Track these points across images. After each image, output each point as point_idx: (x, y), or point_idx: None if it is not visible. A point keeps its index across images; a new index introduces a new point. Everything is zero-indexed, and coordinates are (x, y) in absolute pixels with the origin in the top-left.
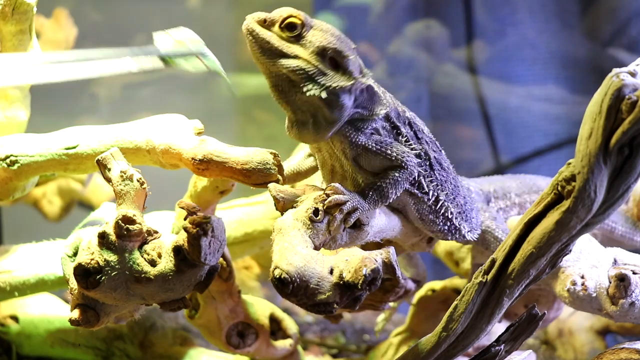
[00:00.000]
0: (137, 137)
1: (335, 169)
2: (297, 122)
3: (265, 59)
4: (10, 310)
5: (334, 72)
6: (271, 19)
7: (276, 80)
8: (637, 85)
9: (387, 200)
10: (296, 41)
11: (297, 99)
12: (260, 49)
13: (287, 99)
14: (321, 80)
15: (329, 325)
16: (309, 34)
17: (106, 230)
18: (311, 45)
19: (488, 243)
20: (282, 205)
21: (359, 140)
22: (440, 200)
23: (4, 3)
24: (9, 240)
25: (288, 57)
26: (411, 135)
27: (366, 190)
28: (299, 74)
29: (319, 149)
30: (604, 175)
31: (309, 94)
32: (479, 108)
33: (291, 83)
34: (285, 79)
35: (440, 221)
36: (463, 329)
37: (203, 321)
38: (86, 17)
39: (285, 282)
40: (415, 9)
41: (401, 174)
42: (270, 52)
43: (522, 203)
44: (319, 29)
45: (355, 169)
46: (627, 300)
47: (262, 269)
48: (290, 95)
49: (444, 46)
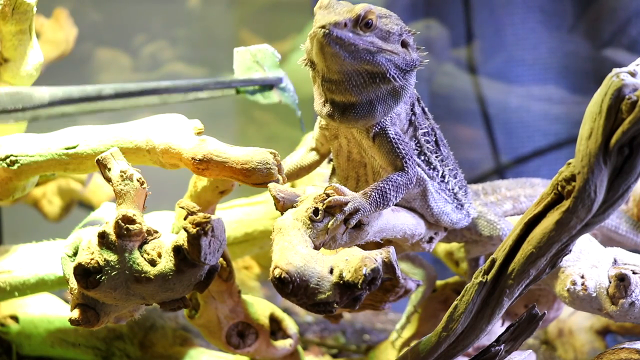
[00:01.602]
0: (137, 137)
1: (352, 156)
2: (350, 107)
3: (350, 61)
4: (10, 310)
5: (406, 51)
6: (348, 20)
7: (350, 77)
8: (637, 85)
9: (389, 204)
10: (373, 34)
11: (371, 89)
12: (346, 52)
13: (358, 90)
14: (402, 65)
15: (329, 325)
16: (380, 24)
17: (106, 230)
18: (389, 35)
19: (482, 228)
20: (282, 205)
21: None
22: (446, 176)
23: (4, 3)
24: (9, 240)
25: (373, 53)
26: (420, 112)
27: (369, 192)
28: (385, 66)
29: (335, 136)
30: (604, 175)
31: (395, 82)
32: (479, 108)
33: (371, 76)
34: (365, 73)
35: (447, 195)
36: (463, 329)
37: (203, 321)
38: (86, 17)
39: (285, 281)
40: (415, 9)
41: (402, 177)
42: (357, 54)
43: (515, 196)
44: (385, 17)
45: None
46: (627, 300)
47: (262, 269)
48: (364, 87)
49: (444, 46)
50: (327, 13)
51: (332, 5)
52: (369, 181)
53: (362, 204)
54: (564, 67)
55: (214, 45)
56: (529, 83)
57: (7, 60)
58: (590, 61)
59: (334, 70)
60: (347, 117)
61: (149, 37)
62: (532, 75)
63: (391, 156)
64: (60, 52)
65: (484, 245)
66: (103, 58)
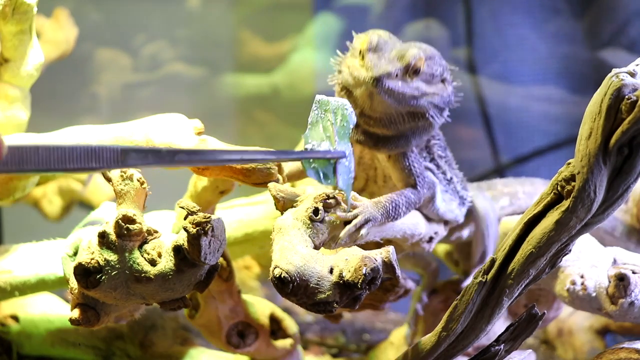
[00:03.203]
0: (137, 137)
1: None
2: (384, 139)
3: (395, 106)
4: (10, 310)
5: (444, 87)
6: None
7: (391, 117)
8: (637, 85)
9: (398, 218)
10: (419, 78)
11: (409, 126)
12: (394, 99)
13: (396, 127)
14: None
15: (329, 325)
16: (427, 68)
17: (106, 230)
18: (432, 78)
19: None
20: (282, 205)
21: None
22: (452, 177)
23: (4, 3)
24: (9, 240)
25: (418, 98)
26: None
27: (382, 202)
28: (426, 108)
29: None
30: (604, 175)
31: (432, 120)
32: (479, 108)
33: (412, 115)
34: (407, 114)
35: (452, 194)
36: (463, 329)
37: (203, 321)
38: (86, 17)
39: (285, 281)
40: (415, 9)
41: (415, 195)
42: (403, 100)
43: (512, 193)
44: (430, 58)
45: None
46: (626, 299)
47: (262, 268)
48: (403, 124)
49: (444, 46)
50: (378, 58)
51: (382, 48)
52: (377, 182)
53: (374, 214)
54: (564, 67)
55: (214, 45)
56: (529, 83)
57: (8, 60)
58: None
59: (377, 111)
60: (378, 147)
61: (149, 37)
62: (532, 75)
63: (405, 174)
64: (61, 52)
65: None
66: (103, 58)
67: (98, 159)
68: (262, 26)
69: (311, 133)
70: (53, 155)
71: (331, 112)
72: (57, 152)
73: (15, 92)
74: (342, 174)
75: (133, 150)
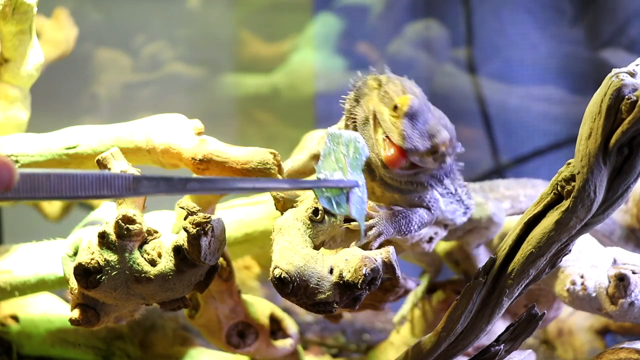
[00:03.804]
0: (137, 137)
1: None
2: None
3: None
4: (10, 310)
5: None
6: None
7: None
8: (637, 85)
9: (408, 234)
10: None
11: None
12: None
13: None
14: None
15: (329, 325)
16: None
17: (106, 230)
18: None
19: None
20: (282, 205)
21: None
22: (457, 189)
23: (4, 3)
24: (9, 240)
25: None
26: None
27: (397, 214)
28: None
29: None
30: (604, 175)
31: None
32: (478, 108)
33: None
34: (406, 182)
35: (457, 205)
36: (463, 329)
37: (203, 321)
38: (86, 17)
39: (285, 281)
40: (415, 9)
41: (429, 215)
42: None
43: (513, 196)
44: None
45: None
46: (626, 300)
47: (262, 268)
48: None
49: (443, 46)
50: (412, 129)
51: (417, 117)
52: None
53: (387, 228)
54: (564, 67)
55: (214, 45)
56: (529, 83)
57: (8, 60)
58: (590, 61)
59: (390, 177)
60: (390, 191)
61: (149, 37)
62: (532, 75)
63: (416, 202)
64: (61, 52)
65: (479, 231)
66: (103, 58)
67: (110, 187)
68: (262, 26)
69: (324, 164)
70: (65, 182)
71: (343, 144)
72: (69, 180)
73: (15, 92)
74: (354, 204)
75: (145, 178)
